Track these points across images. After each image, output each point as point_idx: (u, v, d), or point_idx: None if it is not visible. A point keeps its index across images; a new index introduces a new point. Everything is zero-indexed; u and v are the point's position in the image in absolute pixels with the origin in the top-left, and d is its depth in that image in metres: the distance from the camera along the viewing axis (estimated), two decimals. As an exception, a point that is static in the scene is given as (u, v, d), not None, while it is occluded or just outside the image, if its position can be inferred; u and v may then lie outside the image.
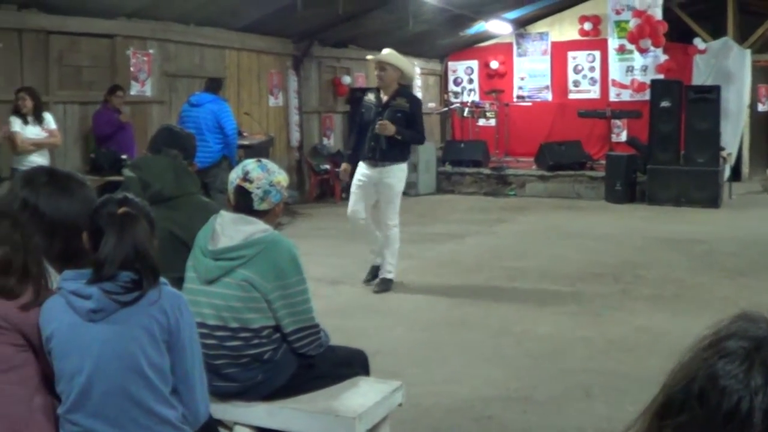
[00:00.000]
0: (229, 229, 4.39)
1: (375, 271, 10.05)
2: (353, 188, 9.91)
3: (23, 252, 3.24)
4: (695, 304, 9.21)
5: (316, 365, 4.56)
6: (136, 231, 3.27)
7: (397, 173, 9.75)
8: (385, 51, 9.82)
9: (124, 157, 12.20)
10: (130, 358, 3.21)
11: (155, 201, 4.58)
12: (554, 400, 6.32)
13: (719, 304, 9.14)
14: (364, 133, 9.78)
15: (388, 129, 9.39)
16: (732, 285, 10.18)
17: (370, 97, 9.94)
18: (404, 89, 10.05)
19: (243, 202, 4.49)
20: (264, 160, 4.64)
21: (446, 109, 22.91)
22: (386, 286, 9.78)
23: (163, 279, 3.34)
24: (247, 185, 4.47)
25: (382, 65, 9.67)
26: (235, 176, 4.55)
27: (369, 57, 10.28)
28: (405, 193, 17.21)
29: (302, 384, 4.50)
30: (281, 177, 4.57)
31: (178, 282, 4.30)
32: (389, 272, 9.85)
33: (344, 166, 10.24)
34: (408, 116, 9.62)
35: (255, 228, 4.38)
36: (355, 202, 9.81)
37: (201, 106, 12.57)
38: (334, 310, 8.49)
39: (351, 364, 4.79)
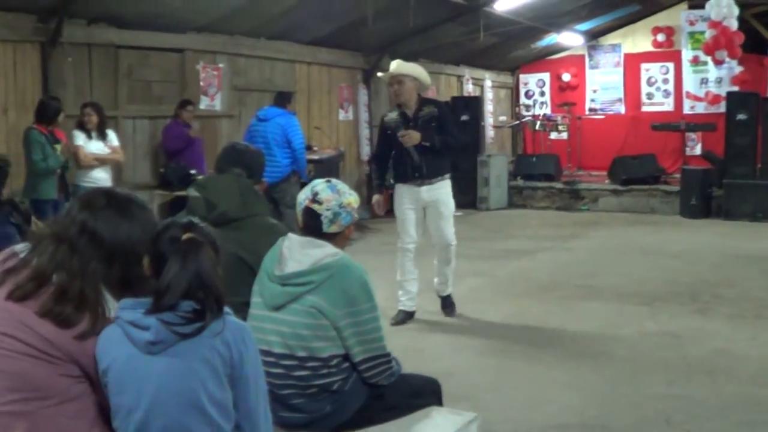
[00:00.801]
0: (297, 252, 4.20)
1: (403, 317, 9.17)
2: (400, 216, 9.31)
3: (80, 279, 3.10)
4: (777, 325, 8.92)
5: (387, 395, 4.36)
6: (200, 258, 3.10)
7: (447, 188, 9.12)
8: (395, 63, 9.08)
9: (193, 171, 12.16)
10: (190, 393, 3.01)
11: (220, 222, 4.43)
12: (633, 429, 6.08)
13: (803, 325, 8.88)
14: (389, 157, 9.20)
15: (413, 138, 8.78)
16: (816, 304, 9.84)
17: (392, 115, 9.20)
18: (425, 98, 9.38)
19: (312, 225, 4.31)
20: (334, 180, 4.46)
21: (518, 122, 22.66)
22: (452, 304, 9.42)
23: (226, 309, 3.17)
24: (316, 207, 4.30)
25: (397, 79, 8.95)
26: (303, 197, 4.38)
27: (380, 74, 9.66)
28: (476, 208, 17.07)
29: (373, 415, 4.30)
30: (352, 198, 4.38)
31: (243, 307, 4.14)
32: (446, 290, 9.43)
33: (376, 197, 9.52)
34: (439, 121, 8.99)
35: (324, 252, 4.19)
36: (404, 229, 9.27)
37: (269, 120, 12.46)
38: (401, 329, 8.32)
39: (423, 394, 4.58)
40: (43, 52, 11.45)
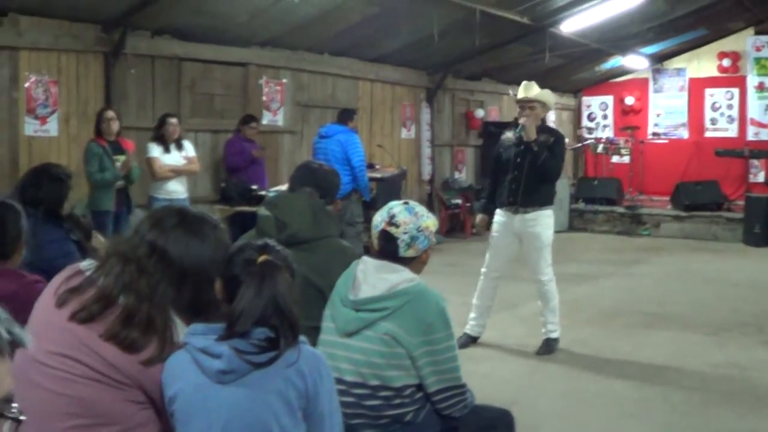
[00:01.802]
0: (372, 277, 4.07)
1: (466, 340, 9.00)
2: (491, 240, 9.08)
3: (148, 301, 2.98)
4: None
5: (461, 428, 4.24)
6: (277, 283, 2.97)
7: (544, 220, 8.79)
8: (530, 87, 8.80)
9: (254, 187, 12.12)
10: (262, 426, 2.88)
11: (291, 243, 4.30)
12: (706, 464, 5.92)
13: None
14: (502, 177, 8.93)
15: (530, 131, 8.54)
16: None
17: (509, 135, 8.97)
18: (546, 125, 9.18)
19: (388, 248, 4.18)
20: (411, 203, 4.31)
21: (580, 145, 22.46)
22: (550, 347, 8.89)
23: (302, 337, 3.04)
24: (392, 230, 4.16)
25: (529, 104, 8.67)
26: (380, 219, 4.23)
27: (514, 94, 9.33)
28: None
29: (445, 448, 4.18)
30: (430, 221, 4.24)
31: (313, 332, 4.01)
32: (552, 332, 8.94)
33: (480, 217, 9.32)
34: (551, 151, 8.66)
35: (400, 277, 4.06)
36: (494, 255, 9.05)
37: (330, 137, 12.42)
38: (467, 353, 8.18)
39: (497, 427, 4.44)
40: (107, 63, 11.50)
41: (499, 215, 8.95)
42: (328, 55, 15.02)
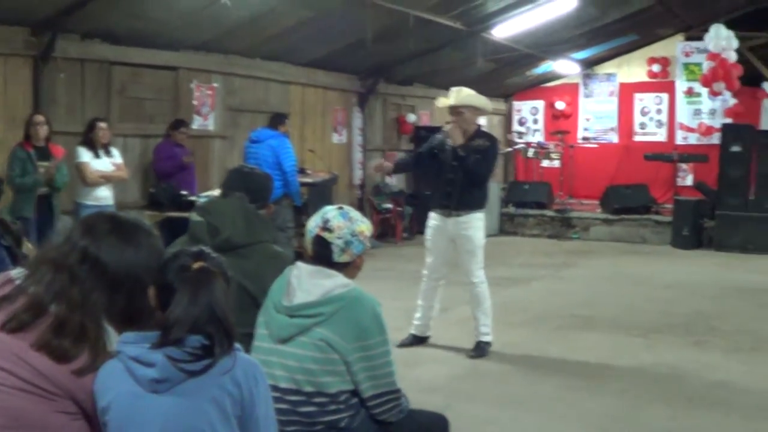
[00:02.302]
0: (306, 282, 4.05)
1: (412, 340, 9.23)
2: (427, 243, 9.18)
3: (80, 310, 2.92)
4: (774, 359, 8.89)
5: (396, 433, 4.24)
6: (213, 290, 2.92)
7: (476, 222, 8.84)
8: (457, 92, 8.82)
9: (184, 193, 12.04)
10: None
11: (224, 248, 4.27)
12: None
13: (799, 360, 8.86)
14: (423, 163, 9.14)
15: (454, 136, 8.66)
16: (811, 339, 9.82)
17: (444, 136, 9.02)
18: (482, 130, 9.21)
19: (322, 253, 4.15)
20: (346, 208, 4.30)
21: (510, 149, 22.60)
22: (482, 351, 8.93)
23: (237, 344, 3.00)
24: (326, 235, 4.14)
25: (456, 110, 8.75)
26: (314, 225, 4.21)
27: (441, 102, 9.06)
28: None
29: (380, 454, 4.17)
30: (364, 226, 4.24)
31: (247, 339, 3.97)
32: (485, 335, 9.00)
33: (379, 161, 9.56)
34: (484, 156, 8.75)
35: (335, 282, 4.04)
36: (432, 260, 9.13)
37: (261, 142, 12.38)
38: (398, 358, 8.17)
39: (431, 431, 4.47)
40: (35, 67, 11.31)
41: (433, 219, 9.04)
42: (260, 60, 14.95)
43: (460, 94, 8.80)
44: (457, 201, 8.78)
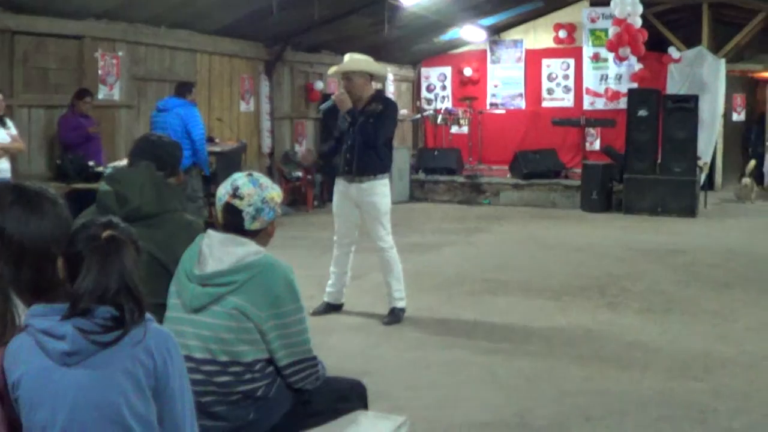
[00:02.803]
0: (217, 251, 3.97)
1: (325, 308, 9.23)
2: (334, 209, 9.15)
3: None
4: (685, 318, 9.06)
5: (313, 401, 4.18)
6: (122, 259, 2.84)
7: (379, 188, 8.84)
8: (347, 58, 8.86)
9: (91, 164, 11.83)
10: (111, 407, 2.76)
11: (133, 218, 4.16)
12: (554, 426, 5.99)
13: (709, 318, 9.08)
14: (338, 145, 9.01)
15: (341, 103, 8.68)
16: (720, 298, 10.02)
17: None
18: (379, 94, 9.21)
19: (233, 221, 4.08)
20: (255, 174, 4.22)
21: (419, 116, 22.62)
22: (397, 317, 8.90)
23: (148, 315, 2.92)
24: (237, 202, 4.06)
25: (346, 76, 8.77)
26: (224, 192, 4.12)
27: (331, 70, 9.20)
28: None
29: (298, 422, 4.11)
30: (275, 193, 4.16)
31: (158, 309, 3.88)
32: (399, 300, 8.98)
33: (310, 150, 9.40)
34: (378, 118, 8.73)
35: (247, 250, 3.97)
36: (339, 226, 9.12)
37: (168, 111, 12.22)
38: (313, 326, 8.11)
39: (349, 398, 4.41)
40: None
41: (338, 185, 9.03)
42: (165, 28, 14.70)
43: (350, 61, 8.80)
44: (357, 166, 8.75)
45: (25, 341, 2.79)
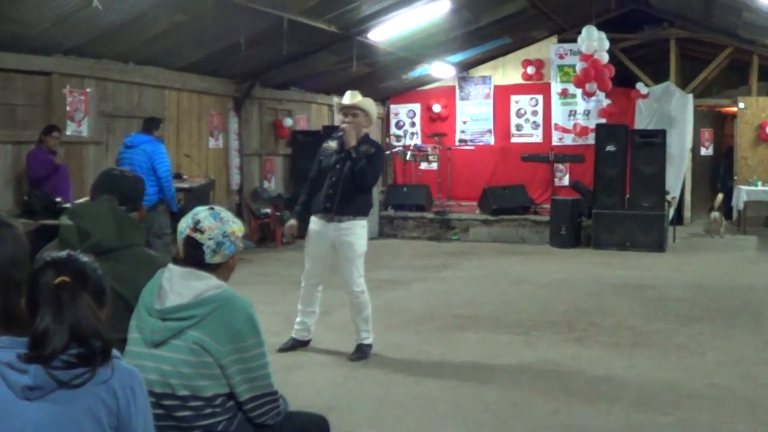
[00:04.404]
0: (178, 285, 3.94)
1: (293, 344, 9.10)
2: (306, 248, 9.04)
3: None
4: (653, 353, 9.06)
5: (275, 436, 4.14)
6: (76, 308, 2.79)
7: (357, 230, 8.73)
8: (354, 95, 8.84)
9: (58, 200, 11.77)
10: None
11: (94, 253, 4.12)
12: (520, 462, 5.98)
13: (677, 352, 9.08)
14: (320, 184, 8.87)
15: (350, 137, 8.60)
16: (688, 332, 10.04)
17: (331, 144, 8.96)
18: (367, 137, 9.07)
19: (193, 255, 4.05)
20: (217, 208, 4.20)
21: (388, 152, 22.63)
22: (364, 353, 8.85)
23: (115, 353, 2.88)
24: (198, 236, 4.04)
25: (353, 111, 8.74)
26: (185, 225, 4.10)
27: (342, 101, 8.91)
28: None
29: (260, 457, 4.07)
30: (236, 227, 4.14)
31: (120, 344, 3.85)
32: (365, 338, 8.92)
33: (291, 222, 9.16)
34: (370, 161, 8.70)
35: (207, 284, 3.94)
36: (310, 267, 8.99)
37: (135, 147, 12.14)
38: (279, 362, 8.09)
39: (311, 434, 4.39)
40: None
41: (314, 223, 8.89)
42: (133, 64, 14.69)
43: (357, 96, 8.80)
44: (338, 205, 8.65)
45: None
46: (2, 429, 2.70)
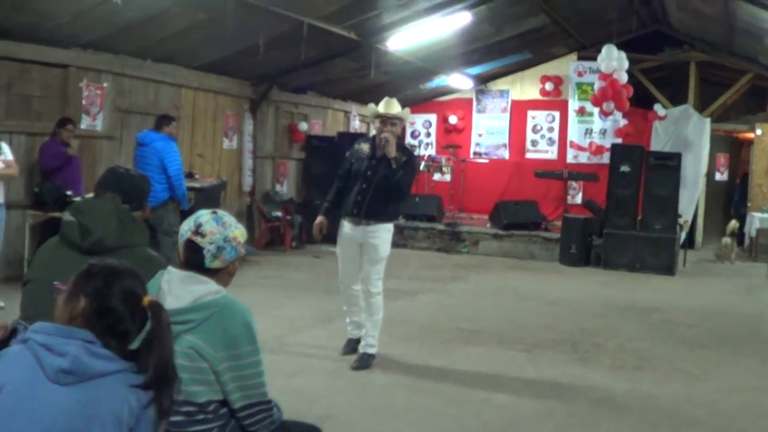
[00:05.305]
0: (176, 288, 3.88)
1: (353, 345, 9.19)
2: (338, 251, 9.15)
3: None
4: (656, 377, 8.99)
5: (267, 445, 4.10)
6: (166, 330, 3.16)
7: (383, 234, 8.91)
8: (392, 103, 8.84)
9: (69, 193, 11.76)
10: None
11: (95, 251, 4.11)
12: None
13: (680, 377, 9.01)
14: (349, 186, 8.94)
15: (391, 147, 8.60)
16: (692, 357, 9.97)
17: (363, 147, 9.04)
18: (402, 144, 9.18)
19: (193, 259, 4.01)
20: (220, 212, 4.16)
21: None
22: (366, 362, 8.85)
23: None
24: (198, 239, 4.00)
25: (392, 121, 8.75)
26: (186, 228, 4.07)
27: (379, 108, 8.87)
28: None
29: (251, 466, 4.03)
30: (238, 232, 4.10)
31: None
32: (371, 346, 8.96)
33: (319, 219, 9.14)
34: (404, 169, 8.73)
35: (206, 289, 3.89)
36: (343, 269, 9.12)
37: (147, 145, 12.14)
38: (279, 369, 8.05)
39: (304, 444, 4.35)
40: None
41: (344, 227, 9.00)
42: (151, 61, 14.70)
43: (396, 105, 8.84)
44: (366, 211, 8.77)
45: (22, 352, 2.82)
46: (20, 410, 2.75)
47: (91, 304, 2.99)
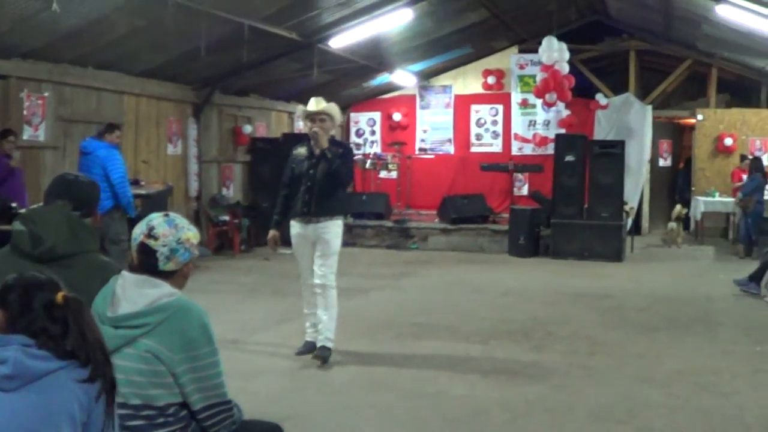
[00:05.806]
0: (131, 292, 3.87)
1: (310, 347, 9.18)
2: (294, 252, 9.27)
3: None
4: (610, 362, 9.09)
5: (228, 445, 4.09)
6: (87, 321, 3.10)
7: (334, 229, 9.02)
8: (319, 101, 9.01)
9: (13, 205, 11.62)
10: None
11: (47, 259, 4.09)
12: (476, 472, 5.96)
13: (634, 361, 9.11)
14: (294, 192, 9.09)
15: (322, 140, 8.80)
16: (645, 341, 10.09)
17: (301, 150, 9.18)
18: (334, 139, 9.37)
19: (147, 262, 3.98)
20: (172, 215, 4.13)
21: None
22: (325, 354, 8.90)
23: None
24: (151, 242, 3.97)
25: (320, 117, 8.92)
26: (138, 232, 4.03)
27: (308, 107, 9.03)
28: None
29: (213, 466, 4.03)
30: (191, 233, 4.08)
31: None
32: (329, 340, 9.01)
33: (272, 233, 9.29)
34: (342, 160, 8.95)
35: (160, 292, 3.87)
36: (302, 269, 9.25)
37: (90, 153, 12.06)
38: (236, 370, 8.02)
39: (266, 443, 4.35)
40: None
41: (294, 227, 9.10)
42: (92, 69, 14.56)
43: (322, 102, 9.00)
44: (315, 208, 8.92)
45: None
46: None
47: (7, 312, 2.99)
